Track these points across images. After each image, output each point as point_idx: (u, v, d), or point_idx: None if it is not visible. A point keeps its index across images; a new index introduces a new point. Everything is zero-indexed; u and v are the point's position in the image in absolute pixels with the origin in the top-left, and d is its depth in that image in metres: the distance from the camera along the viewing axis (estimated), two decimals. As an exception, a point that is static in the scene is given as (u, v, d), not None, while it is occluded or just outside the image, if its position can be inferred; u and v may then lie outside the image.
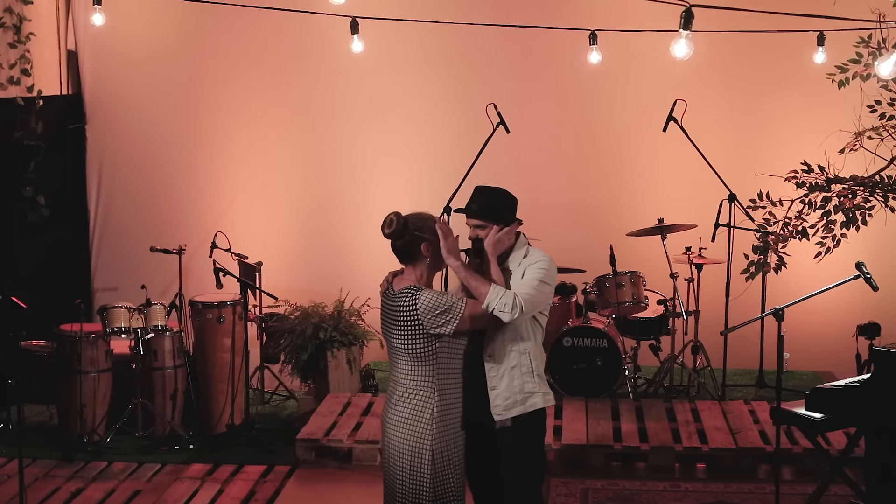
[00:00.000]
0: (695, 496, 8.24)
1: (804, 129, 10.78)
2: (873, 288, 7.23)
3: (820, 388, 6.92)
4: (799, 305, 10.42)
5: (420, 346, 5.77)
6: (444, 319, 5.72)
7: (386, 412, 5.96)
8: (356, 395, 10.14)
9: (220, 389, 9.68)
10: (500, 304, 5.76)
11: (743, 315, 10.17)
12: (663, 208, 10.47)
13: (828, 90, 9.40)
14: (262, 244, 11.31)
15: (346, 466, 9.00)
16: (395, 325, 5.84)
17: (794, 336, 10.70)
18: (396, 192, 11.51)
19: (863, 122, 9.38)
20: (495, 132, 10.14)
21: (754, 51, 11.14)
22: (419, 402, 5.79)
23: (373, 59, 11.44)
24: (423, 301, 5.75)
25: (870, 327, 10.19)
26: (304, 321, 10.18)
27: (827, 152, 9.43)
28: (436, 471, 5.79)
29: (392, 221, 5.92)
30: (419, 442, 5.77)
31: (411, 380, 5.82)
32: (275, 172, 11.75)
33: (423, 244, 5.90)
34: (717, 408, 9.61)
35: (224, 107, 11.71)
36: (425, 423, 5.77)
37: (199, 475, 8.89)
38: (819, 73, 9.60)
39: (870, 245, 10.05)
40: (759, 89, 11.23)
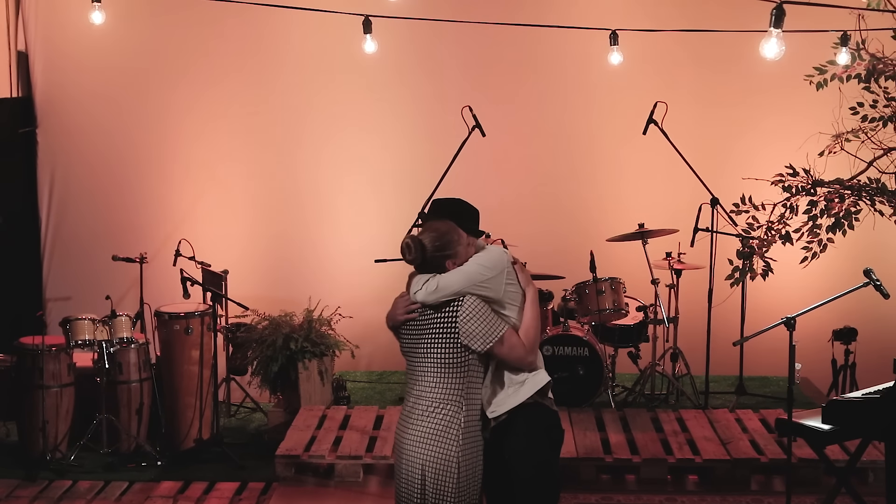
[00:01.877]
0: (692, 509, 8.06)
1: (782, 131, 10.68)
2: (884, 295, 7.07)
3: (837, 399, 6.74)
4: (768, 311, 10.40)
5: (455, 356, 5.52)
6: (481, 333, 5.49)
7: (405, 428, 5.67)
8: (331, 408, 9.83)
9: (187, 403, 9.33)
10: (423, 290, 5.61)
11: (724, 321, 10.07)
12: (644, 213, 10.27)
13: (806, 92, 9.28)
14: (226, 252, 10.95)
15: (327, 483, 8.68)
16: (427, 332, 5.59)
17: (769, 342, 10.59)
18: (367, 197, 11.26)
19: (844, 125, 9.26)
20: (471, 135, 9.91)
21: (731, 52, 10.99)
22: (446, 417, 5.54)
23: (341, 60, 11.15)
24: (466, 307, 5.50)
25: (846, 332, 10.12)
26: (274, 331, 9.83)
27: (808, 155, 9.30)
28: (460, 487, 5.54)
29: (410, 248, 5.68)
30: (446, 458, 5.51)
31: (439, 393, 5.56)
32: (237, 178, 11.39)
33: (448, 261, 5.62)
34: (702, 417, 9.43)
35: (182, 110, 11.32)
36: (452, 439, 5.52)
37: (170, 494, 8.53)
38: (797, 75, 9.44)
39: (849, 250, 9.90)
40: (737, 91, 11.10)
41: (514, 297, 5.74)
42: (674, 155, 9.91)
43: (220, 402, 9.94)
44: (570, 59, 11.10)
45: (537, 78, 11.17)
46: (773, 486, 8.51)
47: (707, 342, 9.91)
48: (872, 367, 10.22)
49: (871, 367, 10.24)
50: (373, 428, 9.30)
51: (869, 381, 9.47)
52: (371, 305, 10.77)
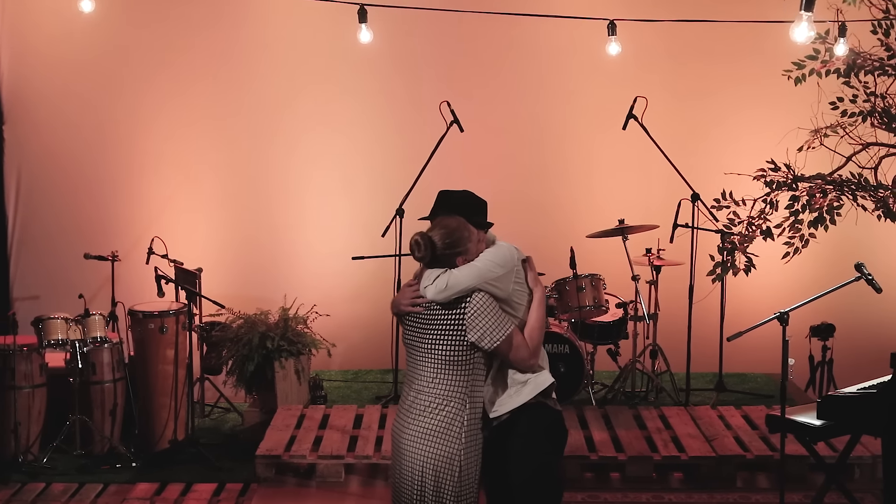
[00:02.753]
0: (679, 507, 7.99)
1: (761, 127, 10.63)
2: (876, 290, 6.99)
3: (833, 394, 6.68)
4: (746, 307, 10.39)
5: (460, 353, 5.43)
6: (490, 329, 5.40)
7: (405, 424, 5.56)
8: (309, 408, 9.69)
9: (162, 403, 9.18)
10: (433, 288, 5.51)
11: (703, 318, 10.02)
12: (624, 209, 10.19)
13: (784, 87, 9.25)
14: (200, 250, 10.78)
15: (308, 483, 8.54)
16: (433, 327, 5.48)
17: (747, 338, 10.55)
18: (342, 195, 11.13)
19: (823, 119, 9.24)
20: (449, 131, 9.84)
21: (708, 46, 10.96)
22: (449, 414, 5.43)
23: (315, 58, 11.03)
24: (476, 303, 5.41)
25: (823, 328, 10.10)
26: (249, 330, 9.68)
27: (788, 150, 9.29)
28: (461, 485, 5.45)
29: (421, 245, 5.56)
30: (448, 456, 5.41)
31: (442, 390, 5.46)
32: (211, 176, 11.20)
33: (459, 258, 5.54)
34: (685, 414, 9.36)
35: (154, 108, 11.11)
36: (455, 437, 5.43)
37: (146, 496, 8.36)
38: (775, 70, 9.41)
39: (829, 246, 9.88)
40: (714, 86, 11.05)
41: (521, 297, 5.66)
42: (653, 150, 9.86)
43: (194, 402, 9.78)
44: (548, 53, 11.03)
45: (514, 73, 11.07)
46: (758, 482, 8.45)
47: (688, 339, 9.85)
48: (849, 363, 10.23)
49: (848, 363, 10.24)
50: (353, 427, 9.17)
51: (846, 378, 9.50)
52: (346, 303, 10.73)
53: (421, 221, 6.08)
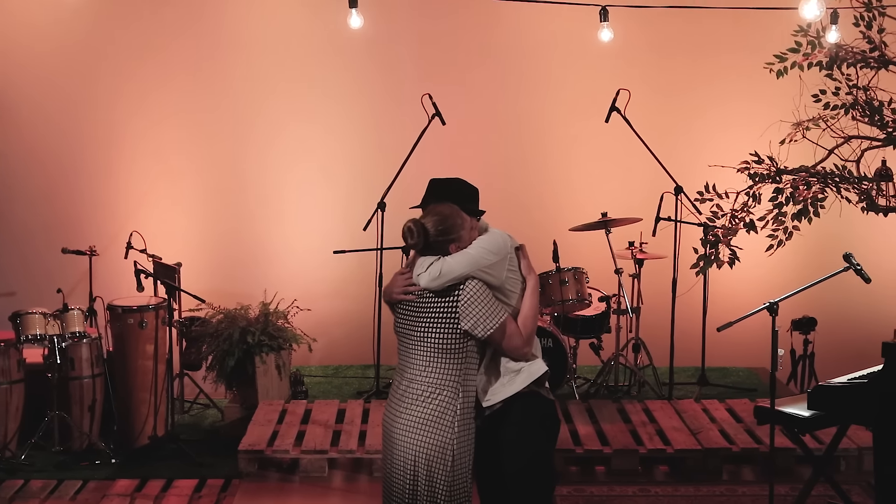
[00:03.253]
0: (668, 500, 7.95)
1: (743, 120, 10.61)
2: (865, 280, 6.97)
3: (823, 385, 6.64)
4: (728, 301, 10.38)
5: (453, 342, 5.37)
6: (483, 317, 5.35)
7: (396, 413, 5.50)
8: (290, 403, 9.61)
9: (141, 399, 9.08)
10: (427, 275, 5.47)
11: (685, 312, 10.00)
12: (607, 202, 10.16)
13: (766, 80, 9.22)
14: (178, 245, 10.66)
15: (291, 478, 8.48)
16: (426, 315, 5.42)
17: (728, 332, 10.53)
18: (324, 188, 11.05)
19: (806, 112, 9.21)
20: (431, 123, 9.82)
21: (690, 39, 10.95)
22: (443, 403, 5.38)
23: (293, 47, 10.93)
24: (469, 291, 5.36)
25: (805, 322, 10.09)
26: (230, 325, 9.59)
27: (770, 143, 9.26)
28: (454, 475, 5.40)
29: (413, 232, 5.51)
30: (441, 445, 5.36)
31: (435, 378, 5.41)
32: (189, 171, 11.08)
33: (452, 245, 5.48)
34: (669, 407, 9.33)
35: (131, 102, 10.98)
36: (448, 425, 5.37)
37: (126, 492, 8.27)
38: (757, 63, 9.38)
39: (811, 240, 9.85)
40: (696, 79, 11.04)
41: (514, 284, 5.60)
42: (635, 143, 9.83)
43: (173, 398, 9.69)
44: (530, 46, 10.98)
45: (495, 66, 11.01)
46: (744, 475, 8.44)
47: (671, 332, 9.81)
48: (831, 356, 10.22)
49: (829, 356, 10.23)
50: (335, 422, 9.11)
51: (827, 371, 9.50)
52: (326, 298, 10.66)
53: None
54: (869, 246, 10.77)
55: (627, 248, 9.94)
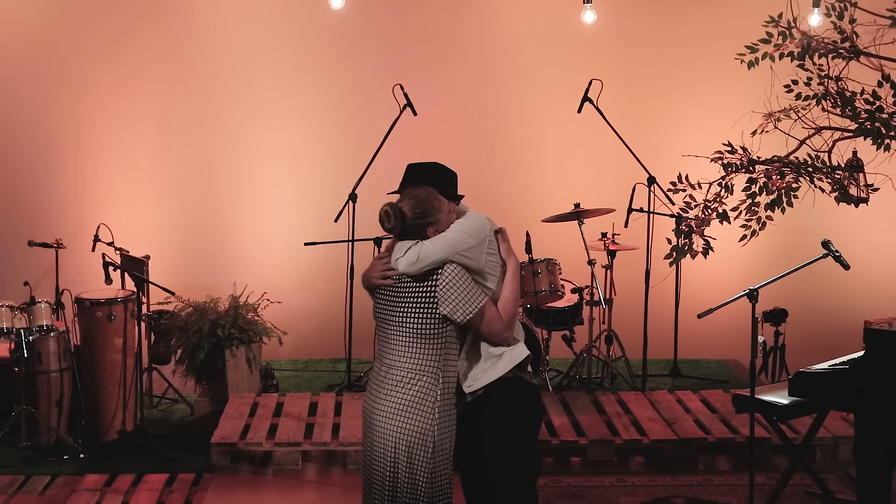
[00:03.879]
0: (645, 491, 7.91)
1: (715, 111, 10.60)
2: (844, 266, 6.96)
3: (805, 371, 6.60)
4: (700, 293, 10.36)
5: (432, 327, 5.30)
6: (462, 302, 5.28)
7: (376, 399, 5.43)
8: (262, 396, 9.52)
9: (110, 393, 8.95)
10: (405, 260, 5.40)
11: (655, 304, 9.98)
12: (579, 193, 10.10)
13: (737, 71, 9.21)
14: (146, 238, 10.53)
15: (263, 471, 8.39)
16: (404, 300, 5.35)
17: (697, 325, 10.53)
18: (294, 179, 10.95)
19: (778, 103, 9.21)
20: (402, 114, 9.77)
21: (661, 30, 10.94)
22: (423, 388, 5.31)
23: (262, 38, 10.84)
24: (447, 275, 5.28)
25: (776, 313, 10.09)
26: (200, 317, 9.47)
27: (743, 133, 9.25)
28: (435, 461, 5.33)
29: (390, 216, 5.42)
30: (422, 431, 5.29)
31: (414, 364, 5.34)
32: (157, 162, 10.97)
33: (430, 229, 5.41)
34: (643, 398, 9.31)
35: (98, 93, 10.85)
36: (428, 411, 5.30)
37: (96, 487, 8.14)
38: (728, 54, 9.37)
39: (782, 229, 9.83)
40: (666, 70, 11.02)
41: (494, 268, 5.53)
42: (608, 133, 9.80)
43: (143, 392, 9.57)
44: (502, 36, 10.95)
45: (467, 56, 10.98)
46: (719, 465, 8.42)
47: (644, 324, 9.79)
48: (801, 348, 10.22)
49: (799, 348, 10.23)
50: (308, 415, 9.02)
51: (798, 363, 9.48)
52: (296, 292, 10.57)
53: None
54: (839, 238, 10.67)
55: (600, 240, 9.90)
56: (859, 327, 10.26)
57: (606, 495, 7.79)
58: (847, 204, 9.02)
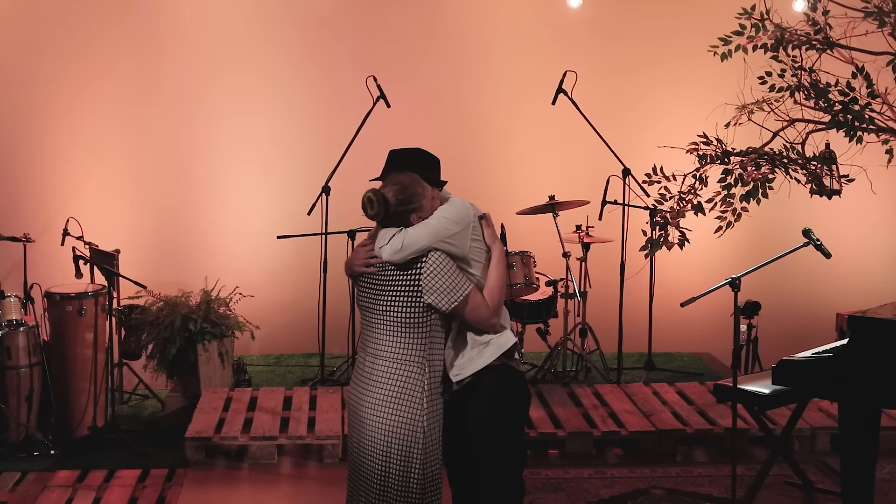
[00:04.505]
0: (624, 482, 7.86)
1: (688, 103, 10.60)
2: (825, 255, 6.93)
3: (787, 359, 6.57)
4: (674, 287, 10.35)
5: (417, 316, 5.22)
6: (447, 290, 5.21)
7: (363, 391, 5.35)
8: (235, 391, 9.43)
9: (81, 388, 8.81)
10: (388, 248, 5.32)
11: (632, 297, 9.96)
12: (553, 185, 10.05)
13: (710, 63, 9.21)
14: (115, 232, 10.39)
15: (239, 466, 8.29)
16: (388, 289, 5.27)
17: (671, 318, 10.55)
18: (264, 173, 10.85)
19: (753, 94, 9.21)
20: (375, 107, 9.74)
21: (634, 22, 10.93)
22: (409, 378, 5.24)
23: (231, 30, 10.74)
24: (432, 263, 5.21)
25: (749, 306, 10.06)
26: (171, 312, 9.37)
27: (717, 125, 9.25)
28: (426, 451, 5.26)
29: (373, 202, 5.32)
30: (411, 422, 5.22)
31: (399, 353, 5.26)
32: (126, 156, 10.83)
33: (413, 215, 5.33)
34: (619, 391, 9.28)
35: (65, 88, 10.71)
36: (416, 401, 5.23)
37: (68, 483, 8.01)
38: (701, 47, 9.36)
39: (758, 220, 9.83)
40: (639, 62, 11.00)
41: (479, 255, 5.46)
42: (582, 125, 9.77)
43: (114, 387, 9.44)
44: (475, 27, 10.90)
45: (439, 48, 10.94)
46: (697, 456, 8.40)
47: (619, 316, 9.77)
48: (773, 341, 10.21)
49: (771, 341, 10.22)
50: (283, 409, 8.94)
51: (770, 355, 9.50)
52: (267, 287, 10.47)
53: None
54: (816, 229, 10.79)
55: (574, 232, 9.87)
56: (831, 320, 10.36)
57: (586, 487, 7.74)
58: (820, 196, 9.03)
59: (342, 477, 7.81)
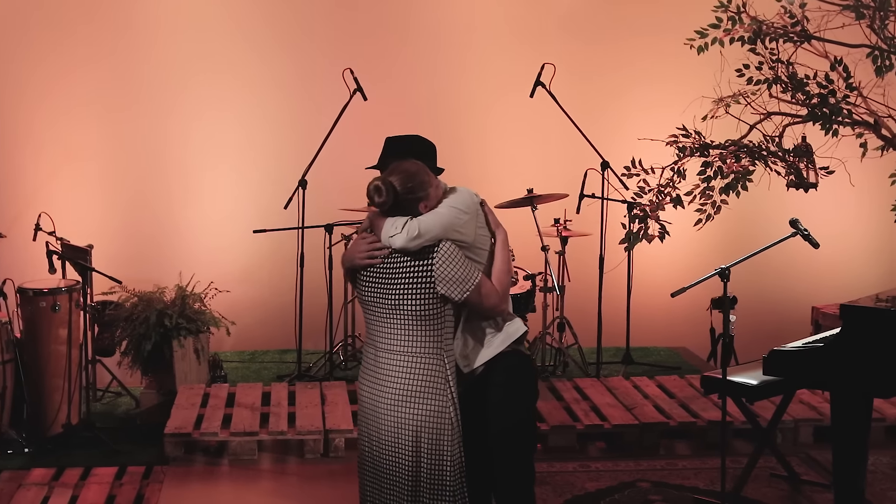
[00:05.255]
0: (609, 475, 7.82)
1: (665, 96, 10.59)
2: (813, 245, 6.92)
3: (778, 349, 6.53)
4: (649, 281, 10.34)
5: (431, 307, 5.12)
6: (459, 280, 5.12)
7: (378, 390, 5.22)
8: (212, 387, 9.32)
9: (55, 386, 8.67)
10: (403, 235, 5.18)
11: (609, 291, 9.93)
12: (533, 178, 10.00)
13: (687, 56, 9.20)
14: (88, 227, 10.22)
15: (219, 462, 8.20)
16: (398, 282, 5.15)
17: (646, 313, 10.55)
18: (239, 168, 10.74)
19: (730, 87, 9.20)
20: (352, 100, 9.69)
21: (608, 16, 10.90)
22: (430, 370, 5.14)
23: (206, 21, 10.63)
24: (443, 253, 5.11)
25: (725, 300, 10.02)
26: (147, 307, 9.24)
27: (695, 119, 9.23)
28: (454, 443, 5.16)
29: (381, 191, 5.19)
30: (440, 413, 5.13)
31: (416, 347, 5.15)
32: (98, 151, 10.69)
33: (421, 204, 5.23)
34: (599, 385, 9.25)
35: (36, 83, 10.57)
36: (442, 391, 5.14)
37: (43, 481, 7.87)
38: (678, 39, 9.34)
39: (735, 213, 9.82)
40: (615, 55, 10.98)
41: (484, 242, 5.40)
42: (560, 119, 9.74)
43: (88, 384, 9.31)
44: (451, 21, 10.87)
45: (417, 40, 10.87)
46: (680, 449, 8.38)
47: (598, 310, 9.73)
48: (747, 335, 10.21)
49: (745, 335, 10.22)
50: (262, 405, 8.84)
51: (744, 348, 9.52)
52: (240, 283, 10.38)
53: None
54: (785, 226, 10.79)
55: (553, 226, 9.81)
56: (806, 314, 10.37)
57: (572, 480, 7.70)
58: (797, 189, 9.03)
59: (324, 473, 7.85)
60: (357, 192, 9.84)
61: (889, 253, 11.35)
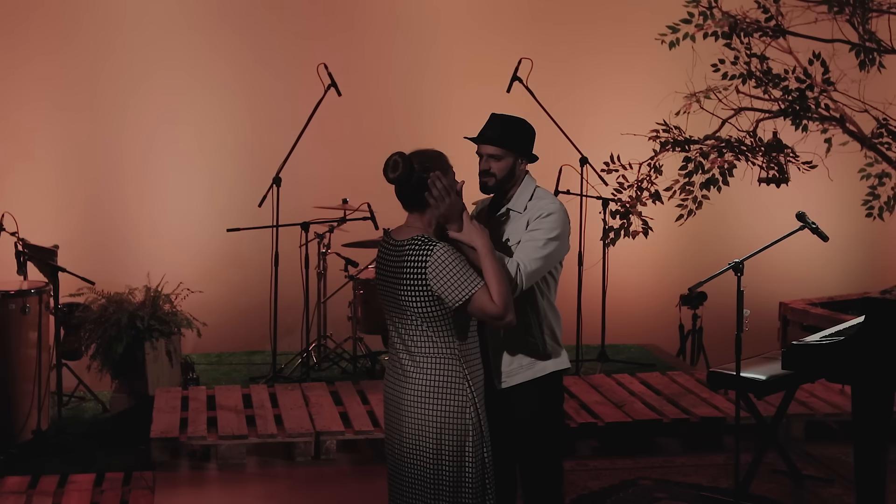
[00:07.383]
0: (610, 474, 7.72)
1: (638, 92, 10.55)
2: (823, 238, 6.87)
3: (798, 343, 6.47)
4: (619, 278, 10.30)
5: (432, 308, 4.92)
6: (453, 286, 4.86)
7: (401, 387, 5.05)
8: (189, 389, 9.09)
9: (24, 391, 8.37)
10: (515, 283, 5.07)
11: (588, 287, 9.87)
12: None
13: (659, 52, 9.19)
14: (47, 228, 9.89)
15: (205, 466, 7.98)
16: (400, 282, 4.96)
17: (615, 310, 10.49)
18: (208, 166, 10.49)
19: (704, 82, 9.19)
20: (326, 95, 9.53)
21: (581, 10, 10.87)
22: (448, 370, 4.96)
23: (171, 15, 10.35)
24: (436, 256, 4.87)
25: (694, 297, 10.05)
26: (118, 309, 8.97)
27: (670, 114, 9.22)
28: (475, 443, 4.98)
29: (398, 164, 5.02)
30: (460, 411, 4.95)
31: (430, 347, 4.97)
32: (60, 149, 10.46)
33: None
34: (582, 383, 9.17)
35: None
36: (460, 388, 4.96)
37: (20, 489, 7.58)
38: (649, 35, 9.32)
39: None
40: (588, 50, 10.93)
41: None
42: (534, 114, 9.61)
43: (58, 389, 9.00)
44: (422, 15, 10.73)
45: (390, 35, 10.74)
46: (673, 446, 8.31)
47: (578, 308, 9.66)
48: (716, 332, 10.21)
49: (713, 332, 10.23)
50: (244, 407, 8.62)
51: (714, 346, 9.51)
52: (211, 283, 10.16)
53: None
54: (755, 223, 10.89)
55: (532, 223, 9.71)
56: (774, 310, 10.39)
57: (572, 480, 7.55)
58: (769, 185, 9.05)
59: (316, 476, 7.70)
60: (332, 190, 9.78)
61: (856, 248, 11.41)
